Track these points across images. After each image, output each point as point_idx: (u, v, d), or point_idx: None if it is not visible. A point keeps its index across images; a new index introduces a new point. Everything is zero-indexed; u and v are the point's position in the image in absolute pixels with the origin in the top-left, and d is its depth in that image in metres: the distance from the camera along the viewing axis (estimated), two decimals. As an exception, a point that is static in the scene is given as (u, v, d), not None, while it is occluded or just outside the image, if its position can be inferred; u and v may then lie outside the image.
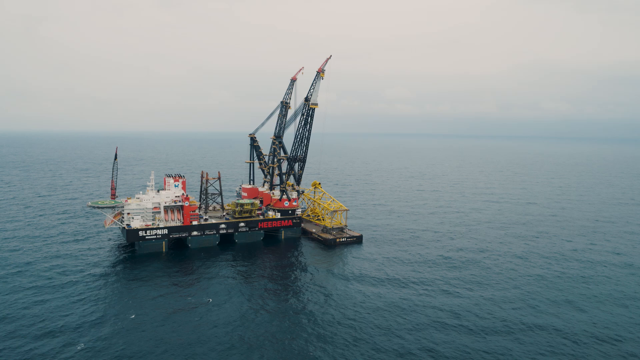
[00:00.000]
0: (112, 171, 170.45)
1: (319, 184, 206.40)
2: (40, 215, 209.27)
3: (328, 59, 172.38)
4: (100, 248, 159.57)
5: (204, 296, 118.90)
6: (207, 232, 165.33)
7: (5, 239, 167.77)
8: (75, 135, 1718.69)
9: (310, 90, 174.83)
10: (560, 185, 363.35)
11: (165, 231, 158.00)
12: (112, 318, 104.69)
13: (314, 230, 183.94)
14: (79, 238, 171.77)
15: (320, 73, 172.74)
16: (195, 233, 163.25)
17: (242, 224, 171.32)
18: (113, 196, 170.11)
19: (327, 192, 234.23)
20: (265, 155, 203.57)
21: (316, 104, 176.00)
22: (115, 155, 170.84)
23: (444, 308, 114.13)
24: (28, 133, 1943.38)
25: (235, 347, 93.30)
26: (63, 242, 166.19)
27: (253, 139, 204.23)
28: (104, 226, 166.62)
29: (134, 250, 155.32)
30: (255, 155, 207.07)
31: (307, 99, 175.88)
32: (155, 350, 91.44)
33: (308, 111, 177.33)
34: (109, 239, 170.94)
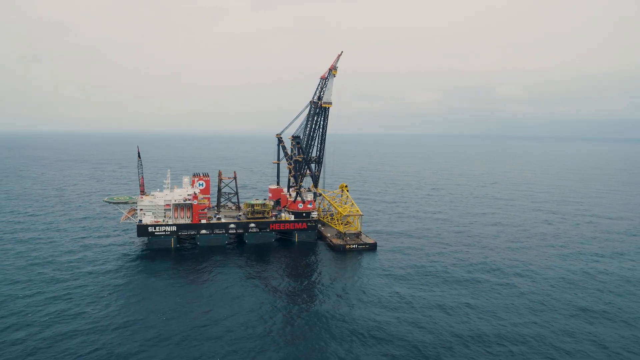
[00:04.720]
0: (138, 169, 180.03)
1: (346, 186, 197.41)
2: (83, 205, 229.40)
3: (339, 55, 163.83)
4: (111, 244, 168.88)
5: (196, 297, 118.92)
6: (216, 231, 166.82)
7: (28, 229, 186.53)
8: (187, 135, 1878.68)
9: (322, 89, 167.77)
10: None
11: (174, 228, 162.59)
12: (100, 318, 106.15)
13: (329, 235, 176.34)
14: (99, 233, 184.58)
15: (332, 71, 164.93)
16: (204, 231, 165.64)
17: (252, 225, 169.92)
18: (142, 193, 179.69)
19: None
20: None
21: (330, 103, 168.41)
22: (138, 154, 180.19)
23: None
24: (157, 133, 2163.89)
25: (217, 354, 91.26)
26: (75, 235, 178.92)
27: (280, 139, 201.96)
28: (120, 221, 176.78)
29: (147, 245, 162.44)
30: (282, 155, 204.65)
31: (319, 98, 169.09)
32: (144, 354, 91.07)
33: (322, 110, 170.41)
34: (127, 234, 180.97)
